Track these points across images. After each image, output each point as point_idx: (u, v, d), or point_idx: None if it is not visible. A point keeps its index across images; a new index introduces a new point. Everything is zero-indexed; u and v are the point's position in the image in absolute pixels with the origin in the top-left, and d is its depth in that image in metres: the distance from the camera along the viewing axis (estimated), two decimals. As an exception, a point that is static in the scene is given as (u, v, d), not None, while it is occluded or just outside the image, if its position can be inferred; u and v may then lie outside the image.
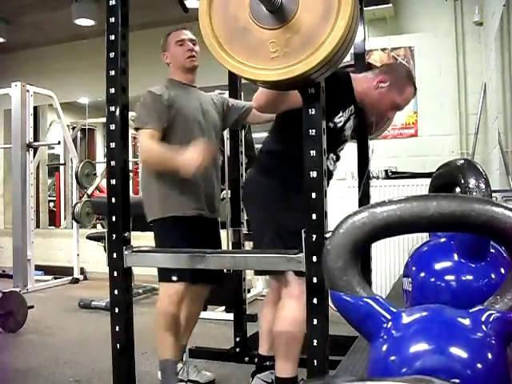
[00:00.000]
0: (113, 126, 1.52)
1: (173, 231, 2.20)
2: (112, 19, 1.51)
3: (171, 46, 2.38)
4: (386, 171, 4.03)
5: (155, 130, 2.19)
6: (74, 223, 5.47)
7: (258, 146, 3.39)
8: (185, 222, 2.20)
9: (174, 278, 2.16)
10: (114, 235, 1.52)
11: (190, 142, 2.10)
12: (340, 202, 3.68)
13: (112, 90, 1.52)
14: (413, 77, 2.14)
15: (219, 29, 1.30)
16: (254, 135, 4.28)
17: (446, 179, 1.36)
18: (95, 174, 5.86)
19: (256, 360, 2.25)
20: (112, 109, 1.52)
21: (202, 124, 2.32)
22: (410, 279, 1.24)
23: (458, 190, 1.28)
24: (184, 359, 2.50)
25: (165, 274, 2.20)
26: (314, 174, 1.33)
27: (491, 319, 0.77)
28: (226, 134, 4.06)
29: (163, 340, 2.19)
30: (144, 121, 2.22)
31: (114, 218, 1.52)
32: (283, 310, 1.92)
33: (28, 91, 4.53)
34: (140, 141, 2.26)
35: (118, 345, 1.53)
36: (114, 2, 1.50)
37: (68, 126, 6.95)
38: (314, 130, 1.34)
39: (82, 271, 5.68)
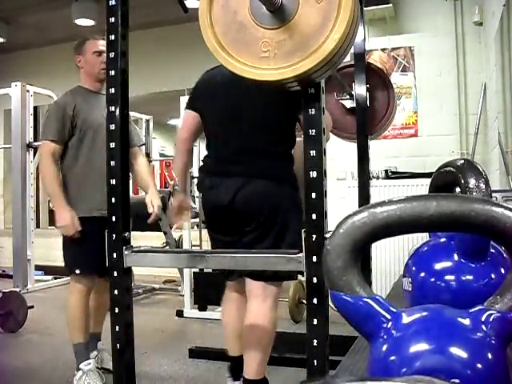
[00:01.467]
0: (113, 126, 1.52)
1: (82, 231, 2.38)
2: (112, 19, 1.51)
3: (87, 53, 2.58)
4: (386, 171, 4.03)
5: (56, 143, 2.37)
6: (74, 223, 5.45)
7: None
8: (91, 222, 2.35)
9: (77, 272, 2.42)
10: (114, 235, 1.52)
11: (98, 151, 2.31)
12: (340, 201, 3.68)
13: (112, 90, 1.52)
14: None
15: (218, 25, 1.30)
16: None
17: (446, 179, 1.36)
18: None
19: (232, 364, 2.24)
20: (112, 109, 1.52)
21: None
22: (409, 279, 1.24)
23: (458, 189, 1.28)
24: (98, 347, 2.65)
25: (70, 268, 2.46)
26: (313, 174, 1.33)
27: (491, 319, 0.77)
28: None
29: (74, 327, 2.46)
30: (46, 132, 2.38)
31: (113, 218, 1.52)
32: (263, 306, 1.93)
33: (28, 91, 4.52)
34: (41, 153, 2.44)
35: (117, 345, 1.53)
36: (113, 2, 1.50)
37: (68, 126, 6.93)
38: (314, 130, 1.34)
39: (82, 271, 5.67)
